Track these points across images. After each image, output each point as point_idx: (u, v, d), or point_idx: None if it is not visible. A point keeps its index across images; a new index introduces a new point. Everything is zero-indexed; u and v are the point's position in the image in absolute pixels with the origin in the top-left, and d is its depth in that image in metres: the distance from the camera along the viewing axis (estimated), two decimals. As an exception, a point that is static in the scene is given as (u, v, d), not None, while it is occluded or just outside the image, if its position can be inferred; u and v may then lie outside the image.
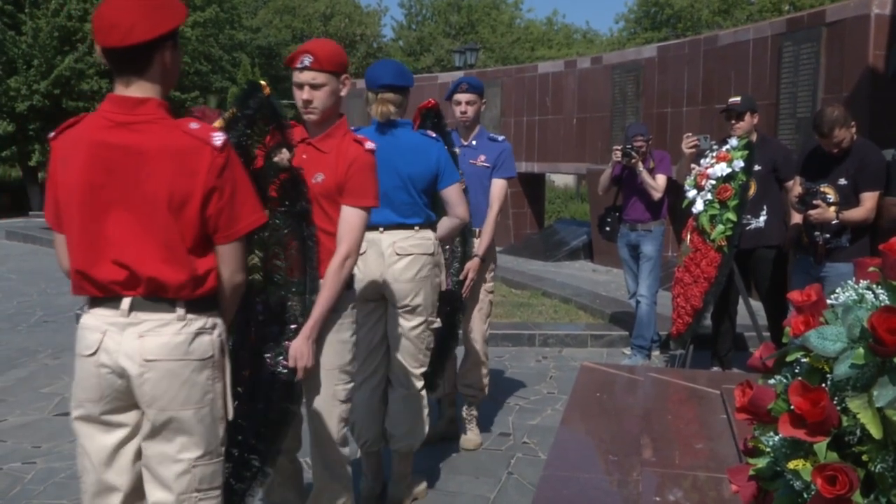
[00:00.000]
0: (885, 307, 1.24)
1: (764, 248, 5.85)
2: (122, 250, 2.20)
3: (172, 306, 2.23)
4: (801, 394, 1.25)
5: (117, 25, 2.14)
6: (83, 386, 2.30)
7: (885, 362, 1.23)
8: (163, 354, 2.21)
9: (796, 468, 1.26)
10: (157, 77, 2.24)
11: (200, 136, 2.18)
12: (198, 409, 2.26)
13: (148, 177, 2.17)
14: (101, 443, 2.34)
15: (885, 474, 1.22)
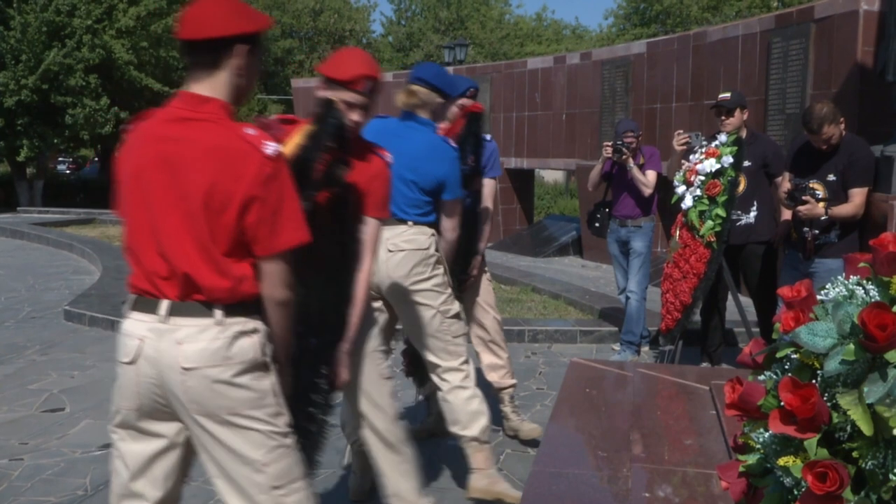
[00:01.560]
0: (875, 303, 1.23)
1: (754, 243, 5.86)
2: (165, 242, 2.19)
3: (210, 310, 2.18)
4: (791, 390, 1.24)
5: (196, 19, 2.21)
6: (122, 393, 2.28)
7: (875, 358, 1.22)
8: (202, 361, 2.16)
9: (786, 465, 1.25)
10: (228, 79, 2.24)
11: (253, 142, 2.16)
12: (248, 411, 2.21)
13: (194, 173, 2.16)
14: (136, 450, 2.31)
15: (876, 471, 1.21)
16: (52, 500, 4.03)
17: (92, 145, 31.26)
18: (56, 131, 21.64)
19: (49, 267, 11.41)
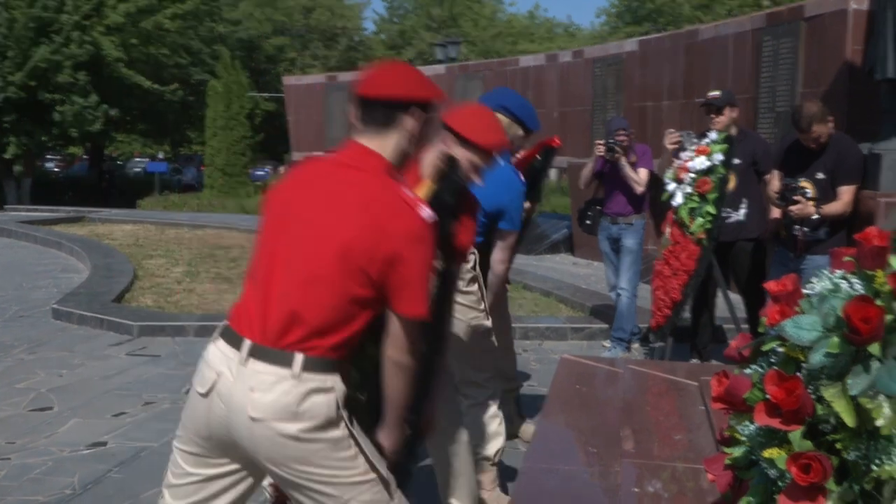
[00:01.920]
0: (859, 296, 1.25)
1: (744, 240, 5.90)
2: (284, 279, 2.18)
3: (290, 361, 2.12)
4: (776, 383, 1.25)
5: (378, 78, 2.30)
6: (192, 418, 2.25)
7: (858, 351, 1.23)
8: (270, 414, 2.09)
9: (771, 457, 1.27)
10: (397, 140, 2.27)
11: (410, 203, 2.16)
12: (319, 461, 2.15)
13: (342, 220, 2.15)
14: (192, 470, 2.28)
15: (859, 462, 1.23)
16: (40, 500, 4.03)
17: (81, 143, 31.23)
18: (44, 129, 21.57)
19: (37, 265, 11.37)
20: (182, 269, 10.96)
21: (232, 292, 9.46)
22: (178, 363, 6.71)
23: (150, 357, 6.88)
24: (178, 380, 6.19)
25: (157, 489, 4.20)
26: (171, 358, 6.87)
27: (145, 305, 8.69)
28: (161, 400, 5.71)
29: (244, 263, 11.51)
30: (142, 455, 4.70)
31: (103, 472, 4.39)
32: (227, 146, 24.58)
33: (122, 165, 37.78)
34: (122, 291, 9.05)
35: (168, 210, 21.70)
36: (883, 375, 1.19)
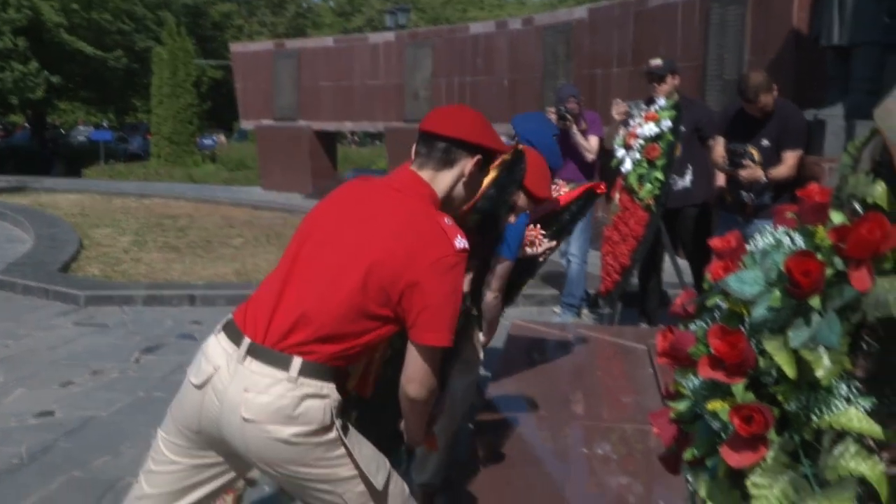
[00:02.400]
0: (800, 251, 1.27)
1: (690, 206, 5.98)
2: (304, 280, 2.16)
3: (287, 364, 2.09)
4: (719, 337, 1.28)
5: (448, 118, 2.32)
6: (183, 409, 2.21)
7: (799, 304, 1.26)
8: (263, 416, 2.06)
9: (714, 409, 1.29)
10: (451, 181, 2.29)
11: (448, 231, 2.14)
12: (311, 461, 2.13)
13: (372, 234, 2.14)
14: (175, 458, 2.24)
15: (799, 413, 1.26)
16: (-13, 469, 3.98)
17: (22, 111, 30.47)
18: (-17, 96, 21.04)
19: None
20: (129, 239, 10.81)
21: (180, 261, 9.37)
22: (127, 332, 6.63)
23: (98, 326, 6.80)
24: (126, 349, 6.13)
25: (105, 458, 4.19)
26: (120, 327, 6.79)
27: (92, 275, 8.57)
28: (109, 369, 5.65)
29: (192, 233, 11.41)
30: (90, 424, 4.65)
31: (51, 442, 4.35)
32: (173, 114, 24.18)
33: (65, 134, 36.95)
34: (67, 261, 8.92)
35: (114, 179, 21.34)
36: (823, 328, 1.22)
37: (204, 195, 15.90)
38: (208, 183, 19.24)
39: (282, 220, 12.67)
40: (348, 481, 2.16)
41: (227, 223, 12.45)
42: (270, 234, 11.42)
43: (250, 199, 15.15)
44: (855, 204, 1.37)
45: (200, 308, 7.52)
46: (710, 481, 1.34)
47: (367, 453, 2.20)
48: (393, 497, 2.24)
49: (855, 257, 1.24)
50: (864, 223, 1.24)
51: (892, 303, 1.18)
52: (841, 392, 1.25)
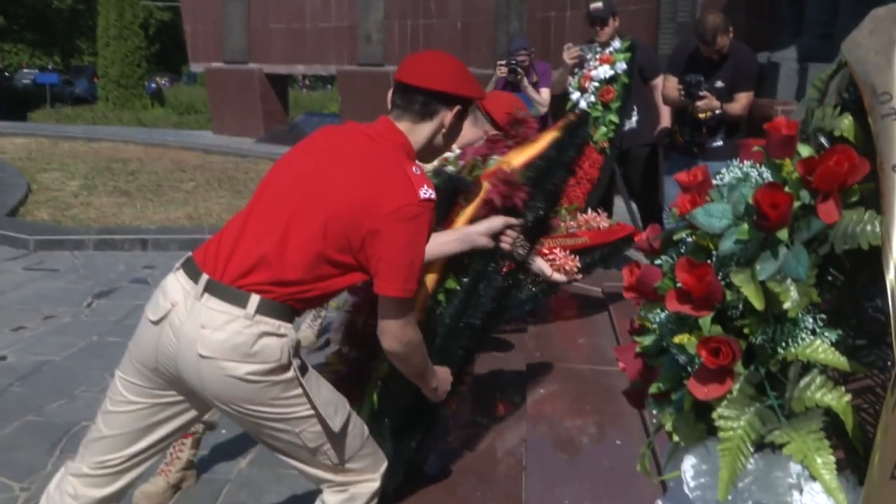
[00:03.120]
0: (768, 183, 1.26)
1: (638, 146, 5.97)
2: (261, 217, 2.13)
3: (244, 302, 2.05)
4: (687, 270, 1.27)
5: (422, 67, 2.27)
6: (140, 346, 2.17)
7: (767, 238, 1.25)
8: (219, 353, 2.03)
9: (681, 342, 1.28)
10: (429, 133, 2.26)
11: (413, 180, 2.09)
12: (268, 400, 2.09)
13: (338, 179, 2.11)
14: (133, 398, 2.19)
15: (765, 345, 1.26)
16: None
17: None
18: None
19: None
20: (78, 183, 10.58)
21: (131, 206, 9.20)
22: (78, 277, 6.51)
23: (49, 271, 6.66)
24: (78, 294, 6.02)
25: (60, 402, 4.13)
26: (71, 272, 6.66)
27: (41, 219, 8.38)
28: (61, 314, 5.54)
29: (143, 177, 11.20)
30: (43, 369, 4.57)
31: (4, 386, 4.27)
32: (120, 57, 23.57)
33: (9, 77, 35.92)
34: (15, 205, 8.71)
35: (61, 123, 20.82)
36: (790, 260, 1.21)
37: (154, 139, 15.58)
38: (158, 127, 18.85)
39: (233, 165, 12.48)
40: (305, 421, 2.13)
41: (178, 167, 12.23)
42: (222, 178, 11.25)
43: (201, 144, 14.88)
44: (821, 138, 1.36)
45: (153, 252, 7.40)
46: (675, 415, 1.34)
47: (325, 395, 2.17)
48: (352, 438, 2.22)
49: (822, 190, 1.23)
50: (832, 155, 1.23)
51: (861, 234, 1.18)
52: (807, 325, 1.25)
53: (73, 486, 2.21)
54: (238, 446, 3.75)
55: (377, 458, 2.31)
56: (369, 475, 2.26)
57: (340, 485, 2.24)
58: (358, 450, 2.23)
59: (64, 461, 2.34)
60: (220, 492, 3.43)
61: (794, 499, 1.24)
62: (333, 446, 2.17)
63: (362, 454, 2.25)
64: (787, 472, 1.24)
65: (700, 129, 5.20)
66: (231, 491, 3.44)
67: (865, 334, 1.28)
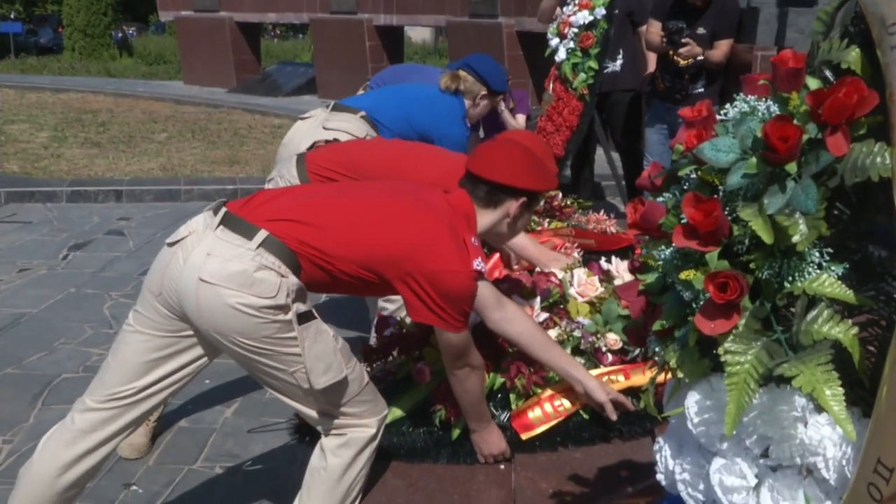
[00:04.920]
0: (778, 116, 1.24)
1: (620, 91, 5.94)
2: (322, 195, 2.31)
3: (252, 234, 2.09)
4: (694, 205, 1.25)
5: (494, 161, 2.35)
6: (153, 271, 2.22)
7: (775, 171, 1.24)
8: (218, 279, 2.05)
9: (688, 278, 1.27)
10: (494, 220, 2.36)
11: (468, 249, 2.20)
12: (263, 343, 2.10)
13: (394, 216, 2.23)
14: (140, 329, 2.21)
15: (772, 280, 1.25)
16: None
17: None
18: None
19: None
20: (48, 135, 10.40)
21: (103, 157, 9.07)
22: (52, 229, 6.43)
23: (22, 224, 6.58)
24: (53, 246, 5.95)
25: (40, 354, 4.10)
26: (45, 224, 6.58)
27: (11, 172, 8.25)
28: (36, 266, 5.48)
29: (114, 128, 11.03)
30: (21, 321, 4.53)
31: (-19, 340, 4.23)
32: (86, 5, 23.02)
33: (-30, 27, 35.11)
34: (-17, 157, 8.57)
35: (26, 74, 20.36)
36: (799, 194, 1.20)
37: (123, 89, 15.31)
38: (126, 77, 18.50)
39: (206, 115, 12.32)
40: (298, 363, 2.13)
41: (150, 118, 12.05)
42: (195, 128, 11.10)
43: (172, 94, 14.65)
44: (827, 71, 1.34)
45: (127, 204, 7.33)
46: (679, 351, 1.34)
47: (320, 350, 2.16)
48: (350, 382, 2.22)
49: (831, 122, 1.22)
50: (842, 87, 1.22)
51: (871, 166, 1.17)
52: (813, 259, 1.24)
53: (79, 420, 2.22)
54: (223, 395, 3.76)
55: (376, 406, 2.32)
56: (366, 420, 2.27)
57: (337, 428, 2.25)
58: (355, 395, 2.24)
59: (46, 413, 2.33)
60: (206, 442, 3.44)
61: (799, 431, 1.24)
62: (330, 388, 2.17)
63: (360, 399, 2.25)
64: (792, 405, 1.24)
65: (682, 76, 5.18)
66: (217, 441, 3.44)
67: (870, 268, 1.28)
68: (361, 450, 2.26)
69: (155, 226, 6.45)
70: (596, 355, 2.66)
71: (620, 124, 6.07)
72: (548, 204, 3.92)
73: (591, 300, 2.84)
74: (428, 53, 23.96)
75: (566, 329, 2.68)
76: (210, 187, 7.56)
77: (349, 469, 2.25)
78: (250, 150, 9.61)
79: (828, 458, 1.24)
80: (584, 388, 2.44)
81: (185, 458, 3.30)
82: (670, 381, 1.44)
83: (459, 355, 2.28)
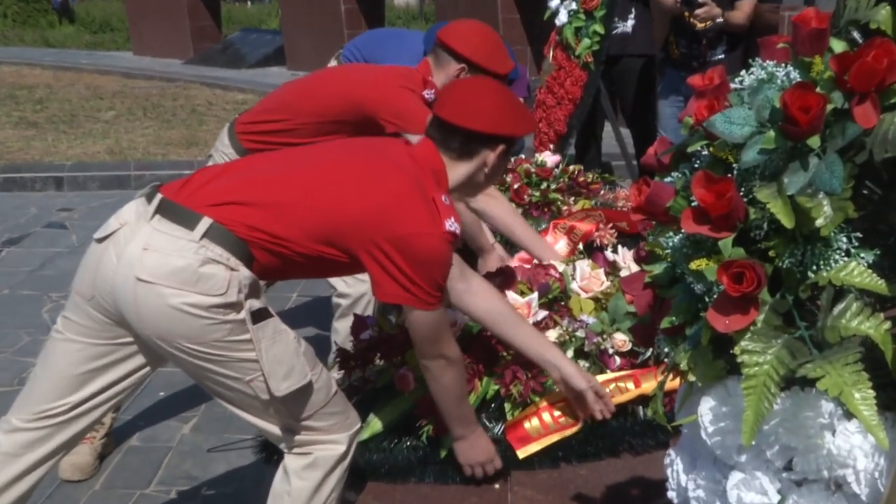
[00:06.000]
0: (798, 83, 1.25)
1: (630, 56, 5.93)
2: (269, 172, 2.27)
3: (194, 223, 2.06)
4: (704, 185, 1.26)
5: (466, 105, 2.29)
6: (81, 271, 2.18)
7: (796, 146, 1.24)
8: (158, 277, 2.02)
9: (699, 268, 1.28)
10: (469, 170, 2.33)
11: (439, 209, 2.18)
12: (213, 349, 2.08)
13: (361, 183, 2.20)
14: (72, 336, 2.18)
15: (793, 269, 1.26)
16: None
17: None
18: None
19: None
20: (-23, 114, 10.38)
21: (41, 139, 9.04)
22: (-18, 220, 6.43)
23: (-53, 216, 6.57)
24: (-17, 238, 5.95)
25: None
26: (-27, 214, 6.58)
27: (-66, 157, 8.23)
28: (-34, 265, 5.48)
29: (53, 105, 11.00)
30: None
31: None
32: (20, -33, 22.99)
33: None
34: None
35: (-48, 44, 20.32)
36: (822, 171, 1.20)
37: (64, 61, 15.25)
38: (67, 47, 18.43)
39: (159, 90, 12.28)
40: (254, 370, 2.12)
41: (95, 94, 12.00)
42: (147, 105, 11.07)
43: (120, 66, 14.61)
44: (854, 32, 1.35)
45: (69, 193, 7.32)
46: (690, 351, 1.35)
47: (279, 352, 2.14)
48: (315, 392, 2.21)
49: (859, 90, 1.22)
50: (870, 50, 1.23)
51: (904, 139, 1.18)
52: (840, 244, 1.25)
53: (5, 443, 2.20)
54: (179, 409, 3.76)
55: (346, 419, 2.31)
56: (334, 436, 2.26)
57: (301, 446, 2.24)
58: (322, 405, 2.22)
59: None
60: (161, 462, 3.44)
61: (827, 440, 1.25)
62: (292, 397, 2.16)
63: (327, 411, 2.24)
64: (818, 410, 1.25)
65: (699, 41, 5.18)
66: (173, 461, 3.45)
67: (904, 254, 1.29)
68: (330, 471, 2.26)
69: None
70: (602, 358, 2.67)
71: (631, 96, 6.07)
72: (572, 180, 3.93)
73: (595, 295, 2.85)
74: (412, 18, 23.90)
75: (568, 329, 2.69)
76: (164, 172, 7.54)
77: (317, 494, 2.25)
78: (210, 130, 9.58)
79: (858, 471, 1.25)
80: (560, 375, 2.45)
81: (136, 482, 3.30)
82: (682, 385, 1.45)
83: (432, 340, 2.25)
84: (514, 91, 5.82)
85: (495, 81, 2.44)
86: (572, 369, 2.45)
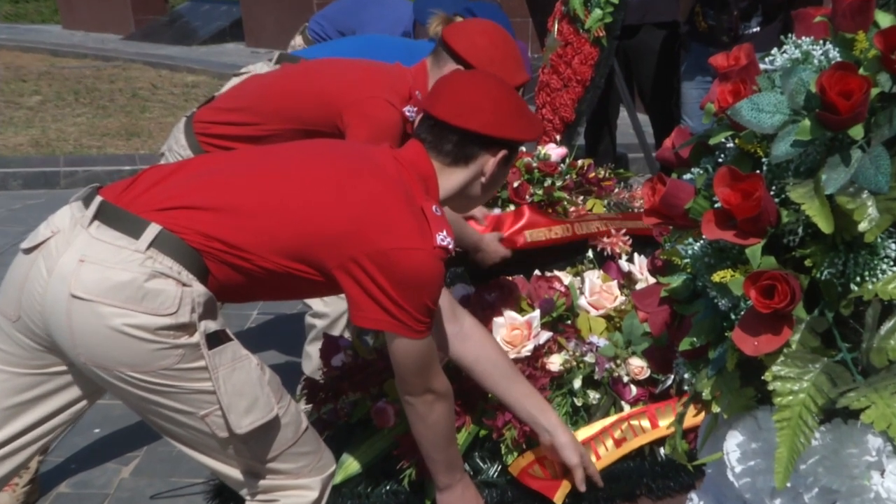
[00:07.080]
0: (838, 63, 1.26)
1: (651, 25, 5.92)
2: (232, 170, 2.26)
3: (139, 231, 2.04)
4: (729, 184, 1.27)
5: (454, 98, 2.29)
6: (4, 287, 2.17)
7: (835, 137, 1.26)
8: (96, 294, 2.00)
9: (723, 280, 1.29)
10: (462, 179, 2.34)
11: (429, 221, 2.17)
12: (160, 382, 2.07)
13: (341, 192, 2.18)
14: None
15: (834, 282, 1.27)
16: None
17: None
18: None
19: None
20: None
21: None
22: None
23: None
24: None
25: None
26: None
27: None
28: None
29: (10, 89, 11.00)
30: None
31: None
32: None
33: None
34: None
35: None
36: (867, 166, 1.22)
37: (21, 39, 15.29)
38: (-16, 21, 18.49)
39: (94, 71, 12.28)
40: (210, 403, 2.12)
41: (16, 76, 12.01)
42: (80, 89, 11.07)
43: (47, 42, 14.61)
44: (903, 2, 1.36)
45: (-14, 193, 7.31)
46: (715, 377, 1.36)
47: (240, 382, 2.14)
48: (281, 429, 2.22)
49: (910, 70, 1.24)
50: (922, 25, 1.24)
51: (962, 129, 1.19)
52: (888, 252, 1.26)
53: None
54: (118, 449, 3.75)
55: (319, 460, 2.31)
56: (305, 480, 2.27)
57: (265, 492, 2.25)
58: (290, 444, 2.23)
59: None
60: (97, 510, 3.43)
61: (874, 481, 1.26)
62: (256, 434, 2.16)
63: (296, 451, 2.25)
64: (864, 447, 1.26)
65: (729, 12, 5.20)
66: (111, 508, 3.44)
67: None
68: None
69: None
70: (615, 388, 2.68)
71: (650, 76, 6.08)
72: (581, 177, 3.94)
73: (608, 313, 2.86)
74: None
75: (575, 353, 2.69)
76: (100, 168, 7.55)
77: None
78: (154, 119, 9.59)
79: (911, 517, 1.26)
80: (552, 442, 2.46)
81: (66, 535, 3.31)
82: (705, 417, 1.46)
83: (419, 373, 2.25)
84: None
85: (496, 77, 2.41)
86: (567, 439, 2.47)
